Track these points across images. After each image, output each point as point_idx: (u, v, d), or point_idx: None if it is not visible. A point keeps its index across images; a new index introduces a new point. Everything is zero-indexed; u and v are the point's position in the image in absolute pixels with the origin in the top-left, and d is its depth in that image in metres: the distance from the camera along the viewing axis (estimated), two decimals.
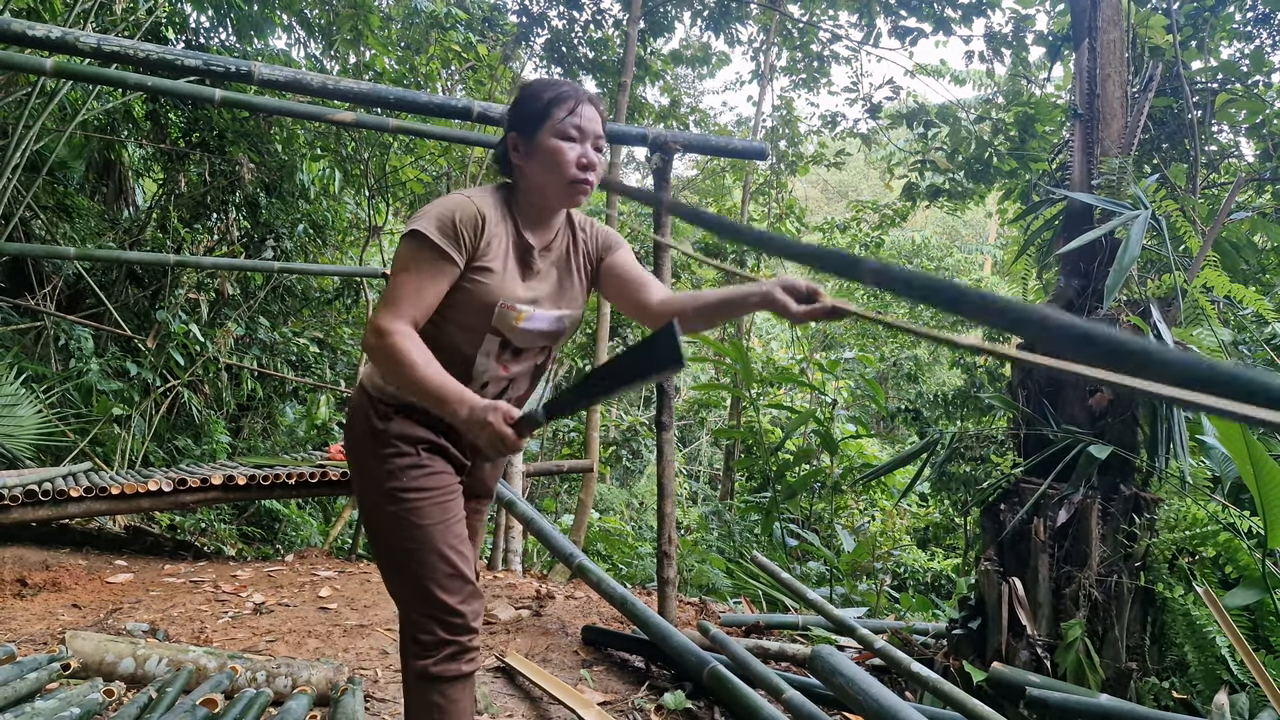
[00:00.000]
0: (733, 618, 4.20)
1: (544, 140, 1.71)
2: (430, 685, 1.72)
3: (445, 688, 1.72)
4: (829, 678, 2.67)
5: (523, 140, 1.74)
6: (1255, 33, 5.68)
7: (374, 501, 1.74)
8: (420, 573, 1.71)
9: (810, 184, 25.27)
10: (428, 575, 1.71)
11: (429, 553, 1.71)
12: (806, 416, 7.72)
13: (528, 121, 1.73)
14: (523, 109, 1.75)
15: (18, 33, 2.92)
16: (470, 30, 8.04)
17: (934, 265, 12.07)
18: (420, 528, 1.71)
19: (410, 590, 1.73)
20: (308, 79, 3.32)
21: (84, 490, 4.19)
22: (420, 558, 1.71)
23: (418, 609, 1.72)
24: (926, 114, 7.15)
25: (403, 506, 1.71)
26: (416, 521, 1.71)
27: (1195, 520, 3.13)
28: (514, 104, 1.79)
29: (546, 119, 1.71)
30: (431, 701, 1.72)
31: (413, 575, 1.71)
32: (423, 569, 1.71)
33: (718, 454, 13.64)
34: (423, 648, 1.72)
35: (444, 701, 1.73)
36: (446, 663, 1.72)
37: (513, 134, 1.76)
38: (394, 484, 1.72)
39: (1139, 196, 3.56)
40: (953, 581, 7.19)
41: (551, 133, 1.71)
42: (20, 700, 2.29)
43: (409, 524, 1.71)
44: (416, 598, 1.72)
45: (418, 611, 1.72)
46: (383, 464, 1.73)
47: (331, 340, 8.65)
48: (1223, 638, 2.90)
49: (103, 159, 7.54)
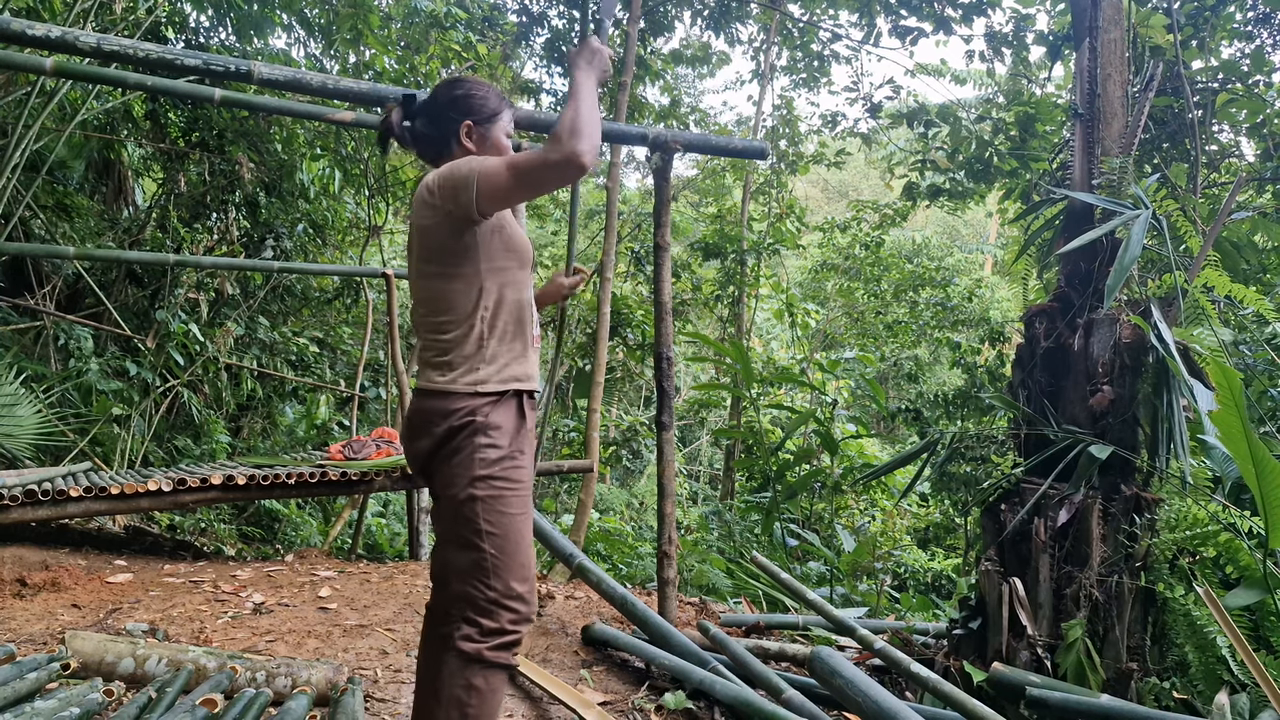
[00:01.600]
0: (733, 618, 4.19)
1: (496, 136, 2.04)
2: (478, 668, 1.80)
3: (490, 674, 1.81)
4: (828, 678, 2.67)
5: (476, 129, 2.02)
6: (1256, 32, 5.68)
7: (463, 488, 1.84)
8: (497, 558, 1.82)
9: (810, 183, 25.26)
10: (504, 561, 1.82)
11: (508, 540, 1.83)
12: (807, 416, 7.72)
13: (485, 118, 2.03)
14: (478, 106, 2.03)
15: (17, 32, 2.92)
16: (470, 30, 8.04)
17: (934, 265, 12.05)
18: (505, 515, 1.84)
19: (483, 573, 1.81)
20: (307, 78, 3.31)
21: (83, 490, 4.18)
22: (499, 544, 1.82)
23: (487, 591, 1.81)
24: (927, 113, 7.14)
25: (492, 493, 1.83)
26: (502, 509, 1.84)
27: (1196, 520, 3.12)
28: (461, 96, 2.04)
29: (498, 120, 2.05)
30: (473, 684, 1.79)
31: (489, 559, 1.81)
32: (501, 555, 1.82)
33: (718, 454, 13.64)
34: (482, 632, 1.81)
35: (485, 686, 1.80)
36: (501, 650, 1.82)
37: (467, 122, 2.01)
38: (485, 472, 1.84)
39: (1139, 196, 3.56)
40: (953, 582, 7.18)
41: (502, 132, 2.05)
42: (20, 700, 2.29)
43: (495, 510, 1.83)
44: (489, 580, 1.81)
45: (487, 594, 1.81)
46: (476, 453, 1.84)
47: (331, 340, 8.65)
48: (1223, 638, 2.90)
49: (102, 158, 7.53)
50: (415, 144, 2.06)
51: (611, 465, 10.93)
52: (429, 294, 1.94)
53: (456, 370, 1.87)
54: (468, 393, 1.86)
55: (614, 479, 12.55)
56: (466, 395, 1.85)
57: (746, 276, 10.35)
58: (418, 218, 1.93)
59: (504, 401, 1.88)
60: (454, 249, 1.89)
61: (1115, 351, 3.47)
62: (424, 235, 1.92)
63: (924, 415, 6.02)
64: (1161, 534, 3.18)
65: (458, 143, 2.01)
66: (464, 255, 1.90)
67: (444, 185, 1.86)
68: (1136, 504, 3.24)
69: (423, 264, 1.94)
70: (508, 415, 1.88)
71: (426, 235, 1.91)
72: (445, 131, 2.01)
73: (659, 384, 3.66)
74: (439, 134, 2.02)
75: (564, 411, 10.70)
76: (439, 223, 1.88)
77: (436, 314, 1.92)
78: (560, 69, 8.81)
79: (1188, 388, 3.18)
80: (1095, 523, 3.23)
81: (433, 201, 1.88)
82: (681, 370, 13.28)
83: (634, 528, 10.17)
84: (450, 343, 1.90)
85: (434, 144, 2.04)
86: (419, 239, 1.94)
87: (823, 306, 12.59)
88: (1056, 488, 3.36)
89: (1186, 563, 3.19)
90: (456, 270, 1.90)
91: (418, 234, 1.94)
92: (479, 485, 1.82)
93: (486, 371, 1.88)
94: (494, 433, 1.85)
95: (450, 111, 2.01)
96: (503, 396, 1.88)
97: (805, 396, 11.11)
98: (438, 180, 1.88)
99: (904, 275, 11.72)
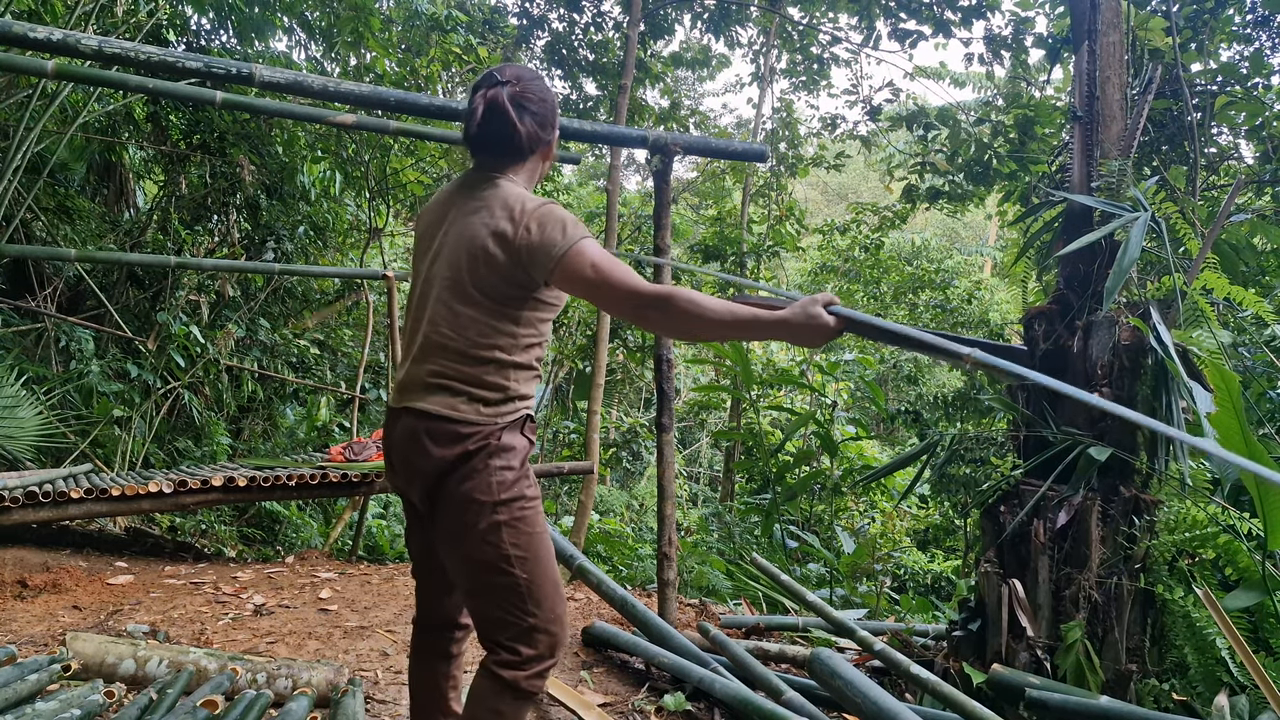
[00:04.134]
0: (733, 619, 4.20)
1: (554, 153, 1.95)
2: (509, 695, 1.73)
3: (520, 705, 1.75)
4: (828, 680, 2.67)
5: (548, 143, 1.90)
6: (1255, 35, 5.69)
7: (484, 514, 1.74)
8: (531, 582, 1.75)
9: (810, 186, 25.29)
10: (543, 584, 1.76)
11: (538, 561, 1.77)
12: (806, 418, 7.72)
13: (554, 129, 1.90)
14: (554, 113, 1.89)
15: (19, 35, 2.93)
16: (471, 33, 8.05)
17: (934, 267, 12.06)
18: (530, 535, 1.76)
19: (517, 599, 1.74)
20: (309, 81, 3.32)
21: (84, 492, 4.19)
22: (530, 566, 1.75)
23: (526, 618, 1.74)
24: (926, 116, 7.15)
25: (513, 516, 1.75)
26: (526, 529, 1.76)
27: (1195, 522, 3.13)
28: (554, 103, 1.89)
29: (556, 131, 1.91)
30: (500, 710, 1.73)
31: (522, 584, 1.74)
32: (533, 578, 1.75)
33: (718, 456, 13.64)
34: (522, 660, 1.74)
35: (512, 714, 1.75)
36: (536, 679, 1.76)
37: (556, 134, 1.90)
38: (505, 495, 1.75)
39: (1138, 199, 3.57)
40: (952, 583, 7.19)
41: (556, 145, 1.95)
42: (21, 702, 2.30)
43: (519, 532, 1.75)
44: (526, 606, 1.74)
45: (526, 620, 1.74)
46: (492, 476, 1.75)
47: (332, 342, 8.65)
48: (1223, 640, 2.90)
49: (104, 161, 7.54)
50: (510, 141, 1.80)
51: (611, 467, 10.94)
52: (466, 321, 1.76)
53: (478, 402, 1.76)
54: (478, 420, 1.75)
55: (614, 481, 12.55)
56: (476, 422, 1.75)
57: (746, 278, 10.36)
58: (481, 238, 1.72)
59: (515, 425, 1.81)
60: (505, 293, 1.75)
61: (1114, 353, 3.48)
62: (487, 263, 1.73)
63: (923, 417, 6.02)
64: (1160, 536, 3.18)
65: (543, 156, 1.89)
66: (514, 300, 1.76)
67: (538, 229, 1.68)
68: (1135, 506, 3.25)
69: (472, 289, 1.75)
70: (515, 436, 1.80)
71: (491, 265, 1.72)
72: (544, 140, 1.85)
73: (659, 386, 3.67)
74: (538, 142, 1.84)
75: (564, 413, 10.70)
76: (509, 260, 1.71)
77: (471, 344, 1.76)
78: (560, 72, 8.82)
79: (1187, 390, 3.19)
80: (1094, 524, 3.23)
81: (513, 235, 1.70)
82: (681, 372, 13.28)
83: (634, 529, 10.18)
84: (479, 374, 1.76)
85: (524, 147, 1.82)
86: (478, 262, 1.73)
87: None
88: (1056, 489, 3.37)
89: (1185, 564, 3.19)
90: (500, 308, 1.76)
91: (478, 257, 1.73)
92: (500, 510, 1.73)
93: (504, 408, 1.79)
94: (507, 454, 1.76)
95: (552, 113, 1.86)
96: (515, 423, 1.81)
97: (805, 398, 11.12)
98: (535, 219, 1.69)
99: (903, 277, 11.73)
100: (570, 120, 3.79)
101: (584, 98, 8.97)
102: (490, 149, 1.81)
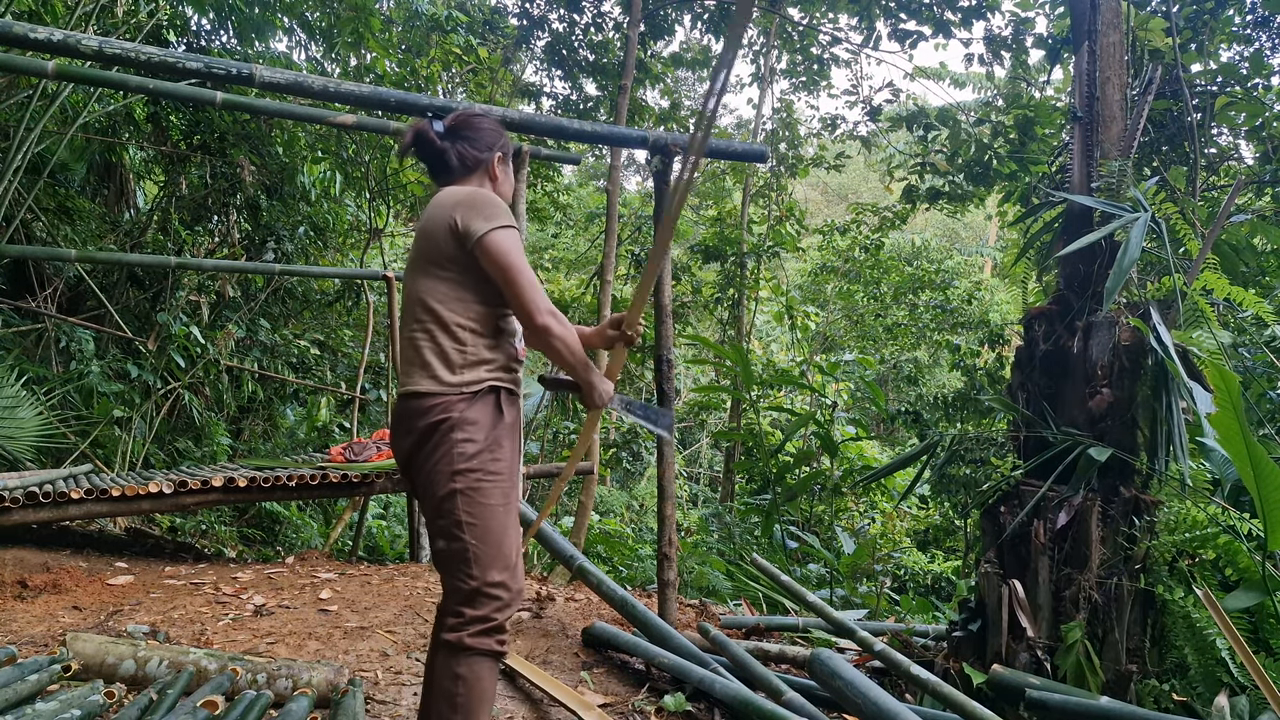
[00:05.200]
0: (733, 620, 4.20)
1: (509, 172, 2.24)
2: (462, 656, 1.83)
3: (474, 661, 1.84)
4: (828, 680, 2.67)
5: (501, 166, 2.19)
6: (1255, 35, 5.70)
7: (444, 482, 1.89)
8: (479, 548, 1.86)
9: (810, 186, 25.28)
10: (485, 552, 1.87)
11: (489, 531, 1.88)
12: (806, 419, 7.72)
13: (507, 153, 2.22)
14: (505, 141, 2.21)
15: (20, 35, 2.93)
16: (471, 33, 8.06)
17: (934, 267, 12.06)
18: (485, 506, 1.89)
19: (465, 563, 1.86)
20: (309, 82, 3.32)
21: (84, 492, 4.19)
22: (480, 534, 1.87)
23: (470, 581, 1.86)
24: (926, 117, 7.15)
25: (470, 485, 1.89)
26: (481, 500, 1.89)
27: (1195, 523, 3.13)
28: (494, 132, 2.18)
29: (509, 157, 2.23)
30: (458, 673, 1.82)
31: (471, 549, 1.86)
32: (482, 544, 1.87)
33: (718, 456, 13.64)
34: (464, 620, 1.84)
35: (470, 674, 1.82)
36: (482, 636, 1.85)
37: (499, 154, 2.18)
38: (464, 465, 1.88)
39: (1138, 199, 3.57)
40: (953, 584, 7.19)
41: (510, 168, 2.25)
42: (21, 702, 2.29)
43: (474, 502, 1.88)
44: (472, 570, 1.86)
45: (469, 584, 1.86)
46: (454, 448, 1.89)
47: (332, 343, 8.65)
48: (1223, 640, 2.90)
49: (104, 161, 7.53)
50: (442, 160, 2.12)
51: (611, 467, 10.93)
52: (421, 295, 2.00)
53: (439, 370, 1.93)
54: (445, 391, 1.92)
55: (614, 481, 12.54)
56: (443, 394, 1.92)
57: (746, 279, 10.37)
58: (433, 221, 1.99)
59: (480, 398, 1.94)
60: (458, 260, 1.96)
61: (1114, 354, 3.48)
62: (430, 240, 1.99)
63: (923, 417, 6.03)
64: (1161, 536, 3.18)
65: (486, 171, 2.15)
66: (463, 267, 1.97)
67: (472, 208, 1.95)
68: (1136, 506, 3.25)
69: (424, 264, 2.00)
70: (484, 410, 1.94)
71: (433, 240, 1.98)
72: (481, 159, 2.14)
73: (659, 386, 3.67)
74: (476, 161, 2.13)
75: (564, 413, 10.70)
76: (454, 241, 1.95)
77: (426, 316, 1.98)
78: (560, 72, 8.82)
79: (1187, 390, 3.19)
80: (1094, 525, 3.23)
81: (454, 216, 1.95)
82: (681, 373, 13.28)
83: (634, 530, 10.18)
84: (435, 339, 1.96)
85: (463, 167, 2.12)
86: (425, 242, 2.00)
87: (822, 309, 12.60)
88: (1056, 490, 3.37)
89: (1186, 565, 3.19)
90: (454, 278, 1.97)
91: (424, 238, 2.01)
92: (457, 479, 1.87)
93: (467, 373, 1.94)
94: (470, 428, 1.90)
95: (490, 140, 2.16)
96: (478, 393, 1.94)
97: (805, 399, 11.12)
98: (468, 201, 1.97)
99: (903, 278, 11.73)
100: (570, 121, 3.79)
101: (584, 98, 8.98)
102: (433, 171, 2.16)
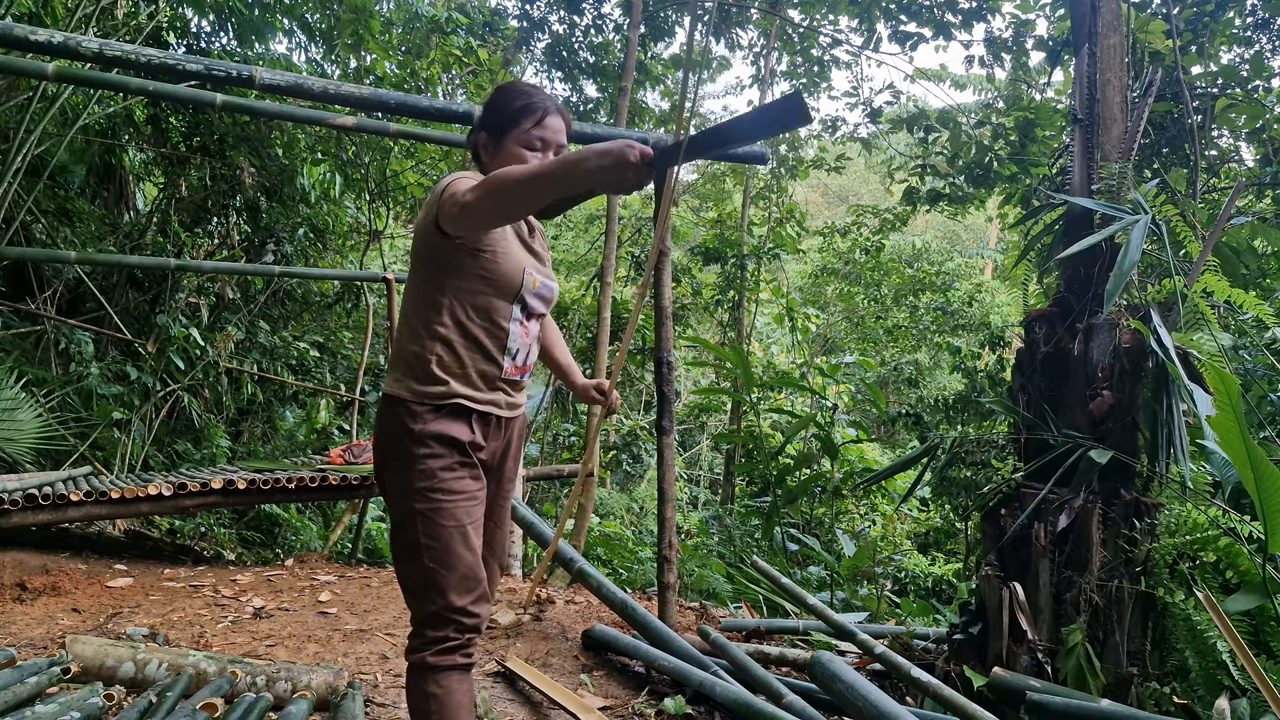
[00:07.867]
0: (733, 623, 4.19)
1: (509, 146, 1.85)
2: (429, 674, 1.78)
3: (442, 677, 1.79)
4: (829, 683, 2.67)
5: (490, 141, 1.88)
6: (1255, 38, 5.70)
7: (403, 500, 1.80)
8: (437, 571, 1.78)
9: (810, 188, 25.28)
10: (444, 575, 1.78)
11: (448, 553, 1.79)
12: (807, 421, 7.72)
13: (497, 125, 1.86)
14: (493, 113, 1.88)
15: (20, 38, 2.93)
16: (471, 35, 8.06)
17: (934, 269, 12.06)
18: (444, 528, 1.79)
19: (424, 586, 1.79)
20: (309, 84, 3.32)
21: (84, 495, 4.19)
22: (439, 557, 1.78)
23: (429, 604, 1.79)
24: (927, 119, 7.15)
25: (430, 506, 1.78)
26: (441, 522, 1.78)
27: (1196, 525, 3.12)
28: (487, 105, 1.92)
29: (514, 127, 1.84)
30: (428, 691, 1.78)
31: (429, 572, 1.78)
32: (440, 568, 1.78)
33: (718, 458, 13.63)
34: (425, 642, 1.79)
35: (440, 690, 1.78)
36: (443, 655, 1.79)
37: (482, 133, 1.89)
38: (424, 484, 1.78)
39: (1139, 201, 3.56)
40: (953, 586, 7.18)
41: (516, 141, 1.84)
42: (20, 704, 2.29)
43: (434, 524, 1.78)
44: (430, 594, 1.79)
45: (429, 607, 1.80)
46: (416, 464, 1.79)
47: (332, 345, 8.65)
48: (1224, 643, 2.90)
49: (103, 163, 7.53)
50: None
51: (612, 470, 10.93)
52: (408, 291, 1.90)
53: (406, 377, 1.82)
54: (409, 399, 1.80)
55: (614, 483, 12.53)
56: (408, 401, 1.80)
57: (746, 281, 10.36)
58: (417, 223, 1.89)
59: (447, 412, 1.81)
60: (428, 258, 1.82)
61: (1115, 356, 3.48)
62: (414, 237, 1.87)
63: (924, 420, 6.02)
64: (1161, 539, 3.17)
65: (488, 154, 1.89)
66: (436, 265, 1.81)
67: (433, 193, 1.79)
68: (1136, 509, 3.24)
69: (414, 260, 1.88)
70: (452, 425, 1.81)
71: (415, 237, 1.87)
72: (473, 144, 1.93)
73: (659, 388, 3.67)
74: (472, 146, 1.93)
75: (564, 416, 10.69)
76: (425, 228, 1.81)
77: (406, 318, 1.86)
78: (560, 74, 8.82)
79: (1187, 393, 3.18)
80: (1095, 527, 3.23)
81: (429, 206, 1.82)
82: (682, 375, 13.27)
83: (634, 532, 10.17)
84: (405, 342, 1.84)
85: (475, 151, 1.93)
86: (414, 242, 1.90)
87: (823, 311, 12.60)
88: (1056, 492, 3.36)
89: (1186, 567, 3.18)
90: (427, 276, 1.82)
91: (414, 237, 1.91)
92: (417, 498, 1.77)
93: (435, 386, 1.80)
94: (433, 443, 1.78)
95: (476, 124, 1.94)
96: (443, 408, 1.81)
97: (805, 401, 11.11)
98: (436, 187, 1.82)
99: (904, 280, 11.73)
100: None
101: (584, 100, 8.98)
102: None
